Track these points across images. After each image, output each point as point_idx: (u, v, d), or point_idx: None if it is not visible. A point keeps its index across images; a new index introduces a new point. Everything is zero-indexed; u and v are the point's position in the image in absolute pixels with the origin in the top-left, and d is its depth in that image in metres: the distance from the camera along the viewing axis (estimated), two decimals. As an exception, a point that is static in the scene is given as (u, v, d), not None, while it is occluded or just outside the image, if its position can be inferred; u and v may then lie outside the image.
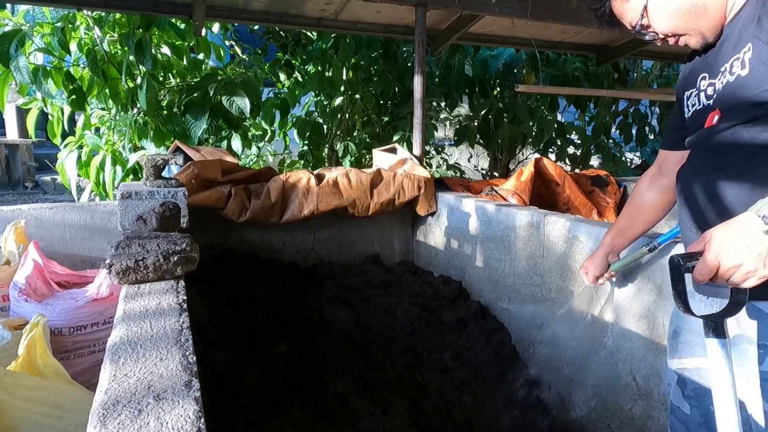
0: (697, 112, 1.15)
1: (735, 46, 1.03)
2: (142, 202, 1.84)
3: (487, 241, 2.52)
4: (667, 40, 1.16)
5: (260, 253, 2.76)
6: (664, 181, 1.39)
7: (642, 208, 1.48)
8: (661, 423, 1.69)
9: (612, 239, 1.60)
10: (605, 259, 1.65)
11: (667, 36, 1.14)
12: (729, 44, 1.06)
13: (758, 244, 0.83)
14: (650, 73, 6.07)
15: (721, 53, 1.08)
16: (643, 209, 1.48)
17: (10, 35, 2.91)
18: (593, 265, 1.67)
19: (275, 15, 3.41)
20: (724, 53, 1.07)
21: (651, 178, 1.44)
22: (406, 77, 4.39)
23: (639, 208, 1.48)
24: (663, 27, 1.12)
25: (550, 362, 2.10)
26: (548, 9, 3.30)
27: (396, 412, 1.82)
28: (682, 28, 1.11)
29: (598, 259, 1.66)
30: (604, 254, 1.64)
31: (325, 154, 4.57)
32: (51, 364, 1.50)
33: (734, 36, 1.05)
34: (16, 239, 2.15)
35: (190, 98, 3.49)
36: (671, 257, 0.92)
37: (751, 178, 1.01)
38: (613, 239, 1.60)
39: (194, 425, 0.69)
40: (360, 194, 2.71)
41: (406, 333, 2.33)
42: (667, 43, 1.16)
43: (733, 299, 0.90)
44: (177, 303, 1.12)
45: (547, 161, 3.32)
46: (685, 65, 1.26)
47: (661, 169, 1.40)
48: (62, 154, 3.53)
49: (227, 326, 1.96)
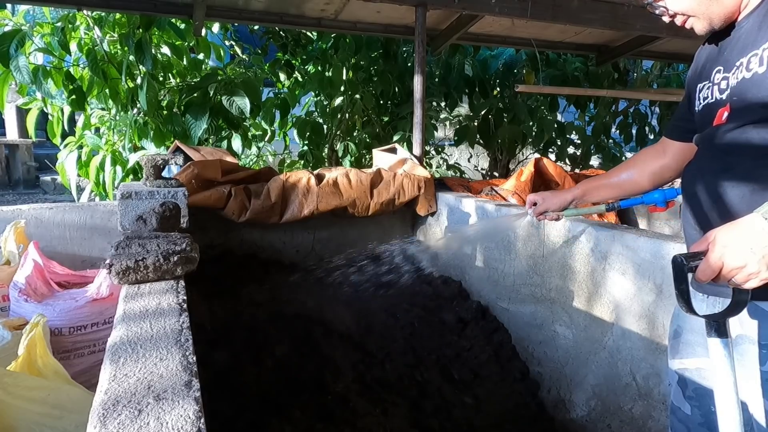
0: (708, 106, 1.14)
1: (754, 41, 1.01)
2: (142, 202, 1.84)
3: (487, 241, 2.52)
4: (674, 20, 1.14)
5: (260, 253, 2.76)
6: (665, 160, 1.40)
7: (633, 177, 1.47)
8: (661, 423, 1.69)
9: (586, 191, 1.60)
10: (567, 204, 1.66)
11: (677, 14, 1.13)
12: (748, 38, 1.04)
13: (762, 246, 0.82)
14: (650, 73, 6.07)
15: (738, 46, 1.06)
16: (633, 179, 1.47)
17: (10, 35, 2.91)
18: (551, 202, 1.67)
19: (275, 15, 3.41)
20: (741, 47, 1.05)
21: (653, 155, 1.44)
22: (406, 77, 4.40)
23: (630, 177, 1.48)
24: (675, 5, 1.11)
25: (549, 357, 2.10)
26: (548, 9, 3.30)
27: (396, 413, 1.82)
28: (693, 10, 1.09)
29: (561, 199, 1.66)
30: (571, 199, 1.64)
31: (325, 154, 4.57)
32: (51, 364, 1.49)
33: (754, 30, 1.03)
34: (16, 239, 2.15)
35: (190, 98, 3.49)
36: (674, 257, 0.91)
37: (758, 179, 1.00)
38: (587, 191, 1.60)
39: (194, 425, 0.69)
40: (360, 194, 2.71)
41: (406, 333, 2.33)
42: (673, 23, 1.15)
43: (736, 299, 0.90)
44: (177, 303, 1.12)
45: (547, 161, 3.32)
46: (698, 57, 1.24)
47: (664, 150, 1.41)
48: (62, 154, 3.53)
49: (227, 326, 1.96)
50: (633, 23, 3.55)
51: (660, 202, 1.60)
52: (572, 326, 2.07)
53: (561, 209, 1.67)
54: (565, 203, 1.66)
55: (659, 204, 1.61)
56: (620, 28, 3.64)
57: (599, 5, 3.45)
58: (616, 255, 1.85)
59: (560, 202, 1.66)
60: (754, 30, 1.03)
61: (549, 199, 1.68)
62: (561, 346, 2.13)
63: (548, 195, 1.69)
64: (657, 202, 1.60)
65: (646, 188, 1.48)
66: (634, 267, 1.78)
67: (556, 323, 2.14)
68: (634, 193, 1.52)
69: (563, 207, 1.67)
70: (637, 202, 1.64)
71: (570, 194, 1.64)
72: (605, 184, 1.55)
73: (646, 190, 1.49)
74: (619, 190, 1.52)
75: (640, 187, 1.48)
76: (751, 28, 1.04)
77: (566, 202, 1.66)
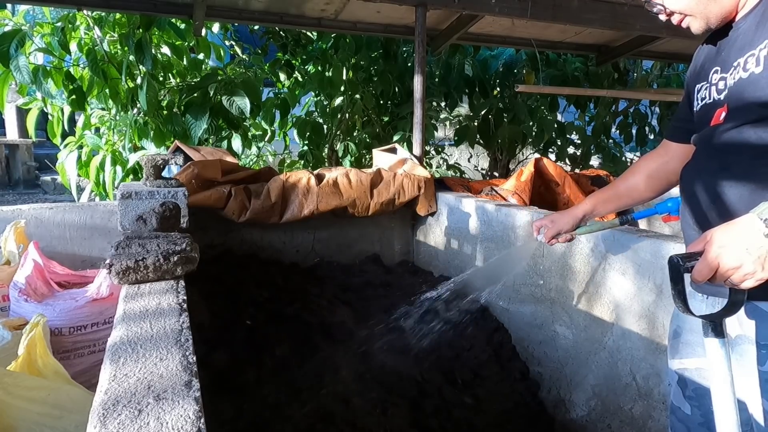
0: (706, 107, 1.14)
1: (751, 42, 1.02)
2: (142, 202, 1.84)
3: (487, 241, 2.52)
4: (671, 19, 1.15)
5: (260, 253, 2.76)
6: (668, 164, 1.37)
7: (638, 184, 1.44)
8: (661, 423, 1.69)
9: (595, 204, 1.54)
10: (578, 221, 1.57)
11: (674, 13, 1.13)
12: (745, 38, 1.04)
13: (758, 246, 0.83)
14: (650, 73, 6.06)
15: (735, 47, 1.07)
16: (639, 186, 1.44)
17: (10, 35, 2.91)
18: (562, 222, 1.58)
19: (275, 15, 3.41)
20: (738, 47, 1.05)
21: (656, 159, 1.42)
22: (406, 77, 4.40)
23: (635, 184, 1.45)
24: (673, 3, 1.11)
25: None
26: (548, 9, 3.30)
27: (396, 413, 1.82)
28: (691, 9, 1.10)
29: (571, 218, 1.57)
30: (581, 215, 1.56)
31: (325, 154, 4.57)
32: (51, 364, 1.50)
33: (751, 30, 1.03)
34: (16, 239, 2.15)
35: (190, 98, 3.49)
36: (670, 257, 0.92)
37: (755, 179, 1.00)
38: (596, 204, 1.54)
39: (194, 425, 0.69)
40: (360, 194, 2.71)
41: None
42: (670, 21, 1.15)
43: (732, 299, 0.90)
44: (177, 303, 1.12)
45: (547, 161, 3.32)
46: (696, 57, 1.24)
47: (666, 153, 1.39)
48: (62, 154, 3.53)
49: (227, 326, 1.96)
50: (633, 23, 3.55)
51: (674, 211, 1.53)
52: (572, 326, 2.07)
53: (573, 229, 1.59)
54: (577, 221, 1.57)
55: (672, 213, 1.54)
56: (620, 28, 3.64)
57: (599, 5, 3.45)
58: (616, 255, 1.85)
59: (571, 220, 1.57)
60: (752, 30, 1.03)
61: (558, 220, 1.59)
62: (561, 346, 2.13)
63: (557, 216, 1.60)
64: (671, 211, 1.53)
65: (656, 193, 1.44)
66: (634, 267, 1.78)
67: (556, 323, 2.14)
68: (643, 199, 1.46)
69: (575, 226, 1.58)
70: (650, 213, 1.58)
71: (580, 211, 1.56)
72: (613, 195, 1.51)
73: (653, 195, 1.45)
74: (628, 199, 1.48)
75: (649, 193, 1.44)
76: (748, 28, 1.05)
77: (577, 220, 1.57)
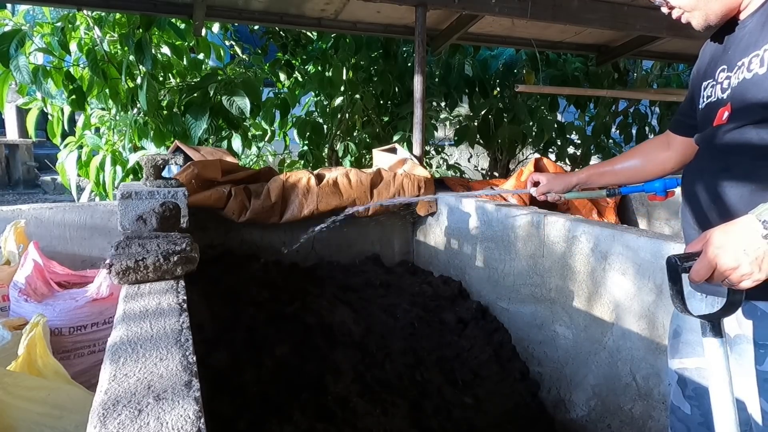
0: (710, 105, 1.14)
1: (756, 42, 1.01)
2: (142, 202, 1.84)
3: (487, 241, 2.52)
4: (671, 13, 1.15)
5: (260, 253, 2.76)
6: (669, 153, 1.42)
7: (635, 167, 1.51)
8: (661, 423, 1.69)
9: (590, 176, 1.64)
10: (571, 187, 1.69)
11: (675, 7, 1.13)
12: (750, 38, 1.04)
13: (755, 248, 0.83)
14: (650, 73, 6.06)
15: (740, 46, 1.06)
16: (635, 168, 1.51)
17: (10, 35, 2.90)
18: (555, 183, 1.71)
19: (275, 15, 3.41)
20: (743, 46, 1.05)
21: (658, 146, 1.46)
22: (406, 77, 4.39)
23: (633, 166, 1.51)
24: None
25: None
26: (548, 9, 3.30)
27: (396, 413, 1.82)
28: (693, 4, 1.10)
29: (565, 182, 1.69)
30: (575, 183, 1.68)
31: (325, 154, 4.57)
32: (51, 364, 1.50)
33: (756, 30, 1.03)
34: (16, 239, 2.15)
35: (190, 98, 3.48)
36: (668, 257, 0.92)
37: (756, 180, 1.00)
38: (591, 176, 1.64)
39: (194, 425, 0.69)
40: (360, 194, 2.71)
41: (406, 333, 2.33)
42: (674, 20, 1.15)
43: (730, 299, 0.90)
44: (177, 303, 1.12)
45: (547, 161, 3.31)
46: (702, 54, 1.24)
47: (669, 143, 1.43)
48: (62, 154, 3.53)
49: (227, 326, 1.96)
50: (633, 23, 3.55)
51: (660, 191, 1.63)
52: (572, 326, 2.07)
53: (564, 192, 1.71)
54: (569, 187, 1.69)
55: (659, 193, 1.64)
56: (620, 28, 3.64)
57: (599, 5, 3.45)
58: (616, 255, 1.85)
59: (564, 185, 1.70)
60: (757, 30, 1.03)
61: (552, 181, 1.72)
62: (561, 346, 2.13)
63: (552, 177, 1.72)
64: (657, 191, 1.63)
65: (649, 177, 1.51)
66: (634, 267, 1.78)
67: (556, 323, 2.14)
68: (636, 180, 1.55)
69: (567, 190, 1.70)
70: (638, 190, 1.67)
71: (575, 178, 1.67)
72: (609, 171, 1.58)
73: (648, 179, 1.52)
74: (623, 177, 1.56)
75: (643, 176, 1.51)
76: (754, 27, 1.04)
77: (570, 186, 1.69)
